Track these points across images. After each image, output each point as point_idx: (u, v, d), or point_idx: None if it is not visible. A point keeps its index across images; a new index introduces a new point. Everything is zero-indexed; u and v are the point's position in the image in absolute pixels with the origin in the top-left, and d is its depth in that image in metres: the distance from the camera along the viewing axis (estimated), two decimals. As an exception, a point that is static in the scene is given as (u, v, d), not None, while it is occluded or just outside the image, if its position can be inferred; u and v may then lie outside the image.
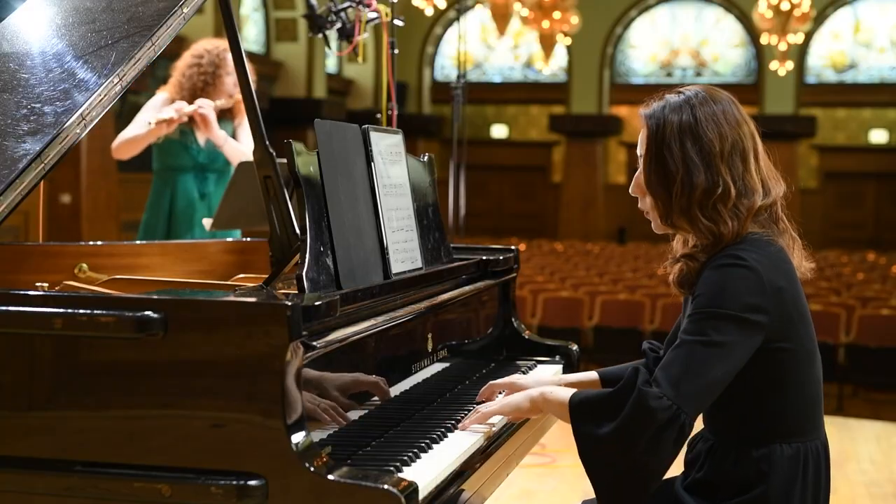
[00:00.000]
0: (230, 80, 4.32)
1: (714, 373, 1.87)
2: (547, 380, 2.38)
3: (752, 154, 2.02)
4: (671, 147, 1.99)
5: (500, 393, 2.41)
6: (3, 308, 1.76)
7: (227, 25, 2.22)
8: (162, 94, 4.37)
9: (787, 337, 1.94)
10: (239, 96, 4.31)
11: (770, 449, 1.97)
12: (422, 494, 1.76)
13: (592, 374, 2.38)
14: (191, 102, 4.26)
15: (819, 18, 18.90)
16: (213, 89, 4.32)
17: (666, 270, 2.10)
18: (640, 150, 2.07)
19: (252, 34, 16.91)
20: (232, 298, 1.78)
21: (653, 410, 1.83)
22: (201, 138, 4.39)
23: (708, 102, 2.02)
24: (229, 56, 4.29)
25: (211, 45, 4.36)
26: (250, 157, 4.24)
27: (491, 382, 2.38)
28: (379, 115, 3.98)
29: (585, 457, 1.91)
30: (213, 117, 4.20)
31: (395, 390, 2.20)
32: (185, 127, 4.30)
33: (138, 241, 3.31)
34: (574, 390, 2.00)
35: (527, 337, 2.96)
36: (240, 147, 4.31)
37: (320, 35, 3.88)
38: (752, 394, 1.96)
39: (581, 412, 1.93)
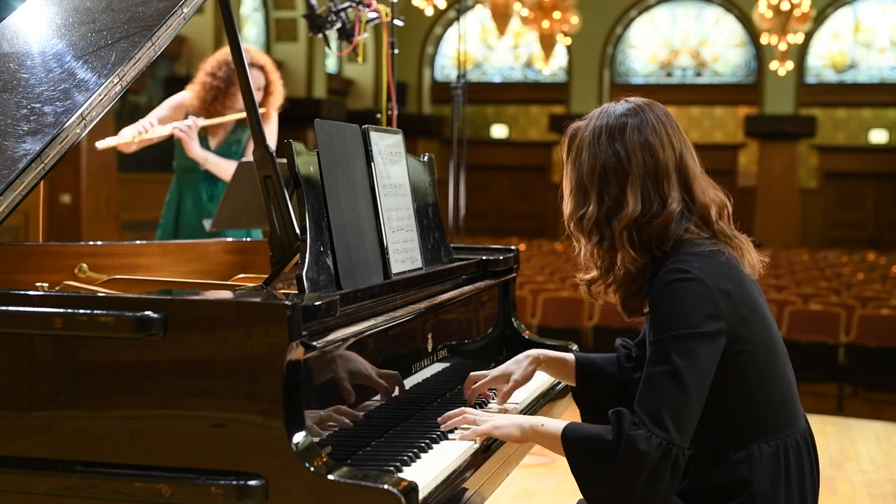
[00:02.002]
0: None
1: (691, 396, 1.89)
2: (522, 360, 2.39)
3: (646, 171, 2.02)
4: (567, 166, 2.13)
5: (492, 391, 2.42)
6: (3, 308, 1.76)
7: (227, 25, 2.22)
8: (186, 93, 4.43)
9: (742, 339, 1.96)
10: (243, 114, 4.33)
11: (749, 451, 1.98)
12: (422, 494, 1.76)
13: (568, 356, 2.40)
14: (203, 109, 4.32)
15: (819, 18, 18.89)
16: (222, 104, 4.35)
17: (587, 295, 2.19)
18: None
19: (252, 34, 16.91)
20: (232, 298, 1.78)
21: (644, 453, 1.85)
22: (213, 141, 4.42)
23: (607, 117, 2.07)
24: (252, 72, 4.32)
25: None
26: (230, 174, 4.28)
27: (474, 387, 2.38)
28: (379, 115, 3.98)
29: (586, 493, 1.94)
30: (191, 137, 4.23)
31: (395, 390, 2.20)
32: (199, 131, 4.34)
33: (139, 242, 3.30)
34: (567, 423, 2.00)
35: (527, 337, 2.96)
36: (221, 165, 4.33)
37: (320, 35, 3.88)
38: (720, 400, 1.96)
39: (577, 452, 1.94)
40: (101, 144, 4.11)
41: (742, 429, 2.00)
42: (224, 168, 4.33)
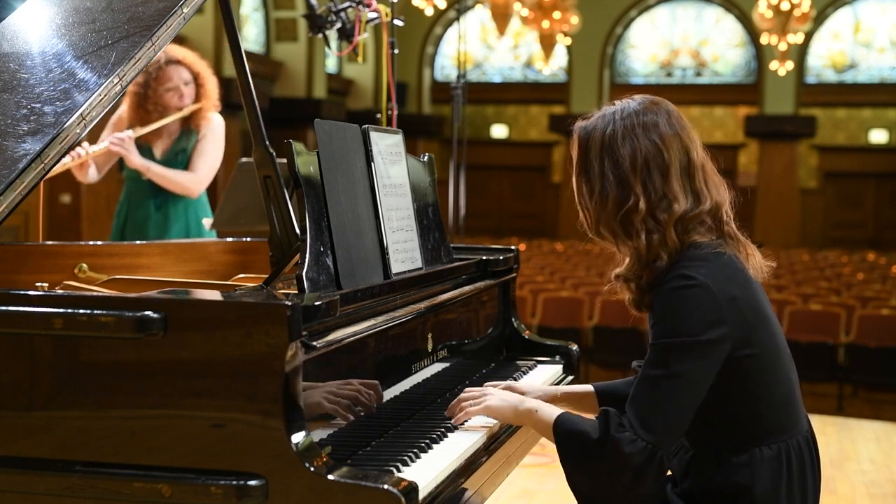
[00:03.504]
0: (171, 95, 4.25)
1: (682, 403, 1.90)
2: (542, 389, 2.37)
3: (680, 165, 2.02)
4: (592, 163, 2.06)
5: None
6: (3, 308, 1.76)
7: (227, 25, 2.22)
8: (121, 108, 4.37)
9: (749, 343, 1.95)
10: (193, 106, 4.29)
11: (750, 454, 1.98)
12: (422, 494, 1.76)
13: (588, 388, 2.38)
14: (136, 119, 4.26)
15: (819, 18, 18.89)
16: (150, 111, 4.26)
17: (614, 290, 2.13)
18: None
19: (252, 34, 16.91)
20: (232, 298, 1.78)
21: (628, 455, 1.87)
22: (157, 150, 4.36)
23: (632, 115, 2.04)
24: (170, 71, 4.22)
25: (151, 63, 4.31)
26: (179, 185, 4.25)
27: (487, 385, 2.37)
28: (379, 115, 3.98)
29: (572, 485, 1.97)
30: (128, 150, 4.16)
31: (396, 390, 2.20)
32: (141, 141, 4.28)
33: (138, 242, 3.30)
34: (561, 412, 2.02)
35: (527, 337, 2.96)
36: (166, 175, 4.25)
37: (320, 35, 3.88)
38: (724, 403, 1.97)
39: (566, 444, 1.97)
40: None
41: (745, 430, 1.99)
42: (167, 177, 4.25)
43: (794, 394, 2.05)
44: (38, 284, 2.48)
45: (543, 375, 2.78)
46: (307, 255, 2.00)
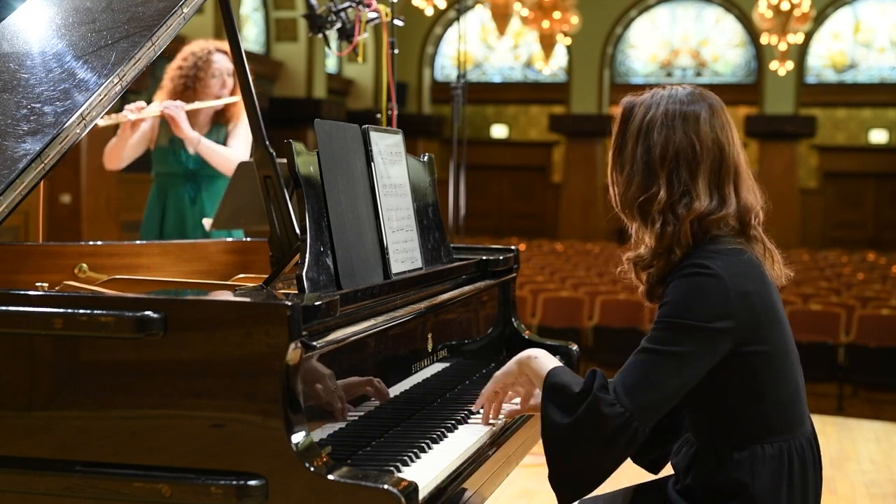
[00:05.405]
0: (215, 82, 4.34)
1: (670, 383, 1.90)
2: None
3: (712, 165, 2.01)
4: (627, 142, 2.06)
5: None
6: (3, 308, 1.76)
7: (227, 25, 2.22)
8: (155, 103, 4.40)
9: (758, 340, 1.95)
10: (230, 98, 4.33)
11: (752, 451, 1.98)
12: (422, 494, 1.76)
13: None
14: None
15: (819, 18, 18.89)
16: (195, 92, 4.32)
17: (624, 273, 2.14)
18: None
19: (252, 34, 16.91)
20: (232, 298, 1.78)
21: (605, 416, 1.88)
22: (189, 143, 4.39)
23: (676, 104, 2.03)
24: (217, 58, 4.32)
25: (198, 48, 4.36)
26: (227, 159, 4.27)
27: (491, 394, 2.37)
28: (379, 115, 3.98)
29: (544, 437, 1.97)
30: (181, 118, 4.19)
31: (395, 390, 2.20)
32: (175, 135, 4.30)
33: (138, 242, 3.30)
34: (555, 366, 2.04)
35: (527, 337, 2.96)
36: (215, 149, 4.28)
37: (320, 35, 3.88)
38: (729, 398, 1.97)
39: (550, 394, 1.99)
40: (101, 122, 4.10)
41: (748, 428, 1.99)
42: (215, 149, 4.28)
43: (799, 395, 2.05)
44: (38, 284, 2.48)
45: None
46: (307, 255, 2.00)
